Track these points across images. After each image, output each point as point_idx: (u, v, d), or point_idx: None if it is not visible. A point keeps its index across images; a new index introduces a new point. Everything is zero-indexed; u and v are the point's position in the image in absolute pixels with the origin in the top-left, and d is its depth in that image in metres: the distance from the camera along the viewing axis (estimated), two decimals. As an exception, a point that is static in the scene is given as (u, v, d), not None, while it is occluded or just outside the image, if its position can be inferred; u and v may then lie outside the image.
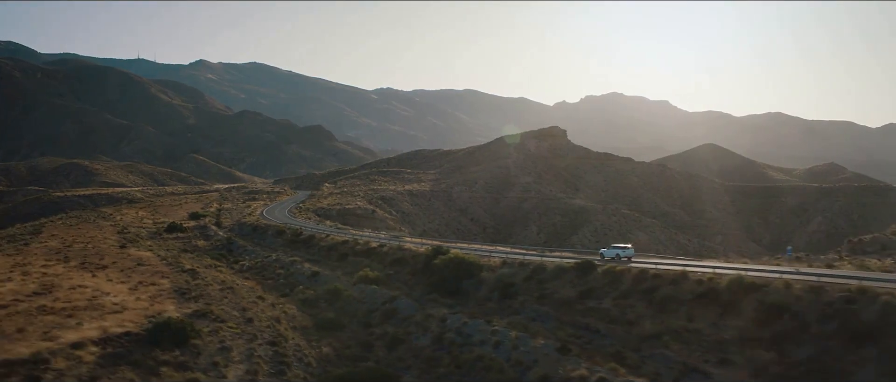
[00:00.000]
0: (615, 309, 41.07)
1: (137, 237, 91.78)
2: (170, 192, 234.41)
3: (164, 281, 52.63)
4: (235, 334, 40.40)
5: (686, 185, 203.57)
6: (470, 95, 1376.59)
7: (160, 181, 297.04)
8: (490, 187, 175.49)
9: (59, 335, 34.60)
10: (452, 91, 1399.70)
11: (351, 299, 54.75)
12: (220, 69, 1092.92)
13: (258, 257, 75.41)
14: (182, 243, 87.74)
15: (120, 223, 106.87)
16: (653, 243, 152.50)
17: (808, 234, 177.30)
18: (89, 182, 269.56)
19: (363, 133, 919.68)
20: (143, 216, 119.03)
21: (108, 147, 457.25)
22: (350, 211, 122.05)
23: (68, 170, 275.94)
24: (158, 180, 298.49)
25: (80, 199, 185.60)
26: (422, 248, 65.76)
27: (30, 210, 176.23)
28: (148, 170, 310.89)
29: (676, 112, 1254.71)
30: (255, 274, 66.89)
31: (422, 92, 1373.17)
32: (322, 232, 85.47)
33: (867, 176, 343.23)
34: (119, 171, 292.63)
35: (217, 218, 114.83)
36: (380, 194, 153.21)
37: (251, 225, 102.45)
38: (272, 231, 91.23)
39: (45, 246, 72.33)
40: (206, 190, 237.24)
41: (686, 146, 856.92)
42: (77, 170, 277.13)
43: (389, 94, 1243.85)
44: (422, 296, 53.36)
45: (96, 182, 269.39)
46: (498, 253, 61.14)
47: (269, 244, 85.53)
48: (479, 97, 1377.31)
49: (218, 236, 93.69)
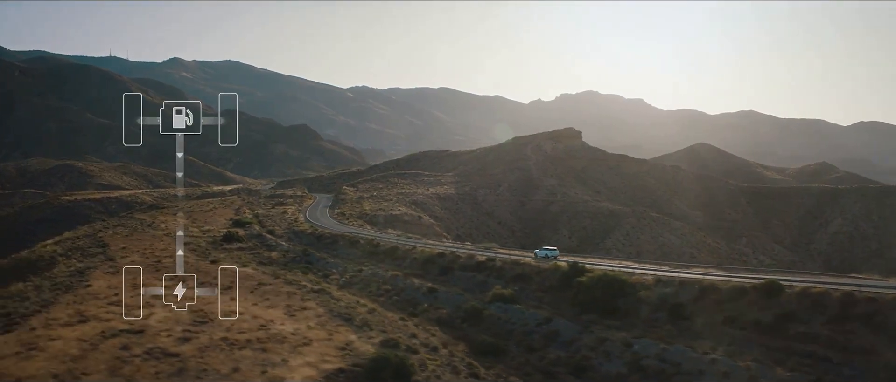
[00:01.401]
0: (838, 335, 39.02)
1: (205, 248, 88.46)
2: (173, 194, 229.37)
3: (310, 304, 49.64)
4: (437, 365, 37.93)
5: (700, 187, 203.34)
6: (445, 94, 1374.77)
7: (155, 182, 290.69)
8: (514, 190, 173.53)
9: (280, 375, 32.13)
10: (428, 89, 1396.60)
11: (495, 319, 52.26)
12: (194, 67, 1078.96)
13: (348, 270, 72.36)
14: (253, 255, 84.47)
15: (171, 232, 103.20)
16: (685, 246, 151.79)
17: (830, 235, 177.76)
18: (85, 184, 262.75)
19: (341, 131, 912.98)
20: (185, 224, 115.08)
21: (91, 146, 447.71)
22: (397, 217, 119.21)
23: (62, 172, 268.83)
24: (153, 182, 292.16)
25: (91, 204, 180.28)
26: (537, 261, 63.22)
27: (41, 215, 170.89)
28: (141, 171, 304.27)
29: (651, 110, 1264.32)
30: (360, 290, 63.95)
31: (397, 90, 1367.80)
32: (402, 243, 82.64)
33: (859, 175, 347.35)
34: (113, 173, 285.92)
35: (264, 226, 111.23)
36: (410, 198, 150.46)
37: (308, 233, 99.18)
38: (343, 241, 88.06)
39: (134, 261, 68.81)
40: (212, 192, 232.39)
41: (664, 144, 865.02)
42: (71, 172, 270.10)
43: (366, 93, 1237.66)
44: (576, 317, 51.06)
45: (92, 184, 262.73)
46: (625, 268, 59.12)
47: (346, 254, 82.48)
48: (455, 95, 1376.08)
49: (281, 246, 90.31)
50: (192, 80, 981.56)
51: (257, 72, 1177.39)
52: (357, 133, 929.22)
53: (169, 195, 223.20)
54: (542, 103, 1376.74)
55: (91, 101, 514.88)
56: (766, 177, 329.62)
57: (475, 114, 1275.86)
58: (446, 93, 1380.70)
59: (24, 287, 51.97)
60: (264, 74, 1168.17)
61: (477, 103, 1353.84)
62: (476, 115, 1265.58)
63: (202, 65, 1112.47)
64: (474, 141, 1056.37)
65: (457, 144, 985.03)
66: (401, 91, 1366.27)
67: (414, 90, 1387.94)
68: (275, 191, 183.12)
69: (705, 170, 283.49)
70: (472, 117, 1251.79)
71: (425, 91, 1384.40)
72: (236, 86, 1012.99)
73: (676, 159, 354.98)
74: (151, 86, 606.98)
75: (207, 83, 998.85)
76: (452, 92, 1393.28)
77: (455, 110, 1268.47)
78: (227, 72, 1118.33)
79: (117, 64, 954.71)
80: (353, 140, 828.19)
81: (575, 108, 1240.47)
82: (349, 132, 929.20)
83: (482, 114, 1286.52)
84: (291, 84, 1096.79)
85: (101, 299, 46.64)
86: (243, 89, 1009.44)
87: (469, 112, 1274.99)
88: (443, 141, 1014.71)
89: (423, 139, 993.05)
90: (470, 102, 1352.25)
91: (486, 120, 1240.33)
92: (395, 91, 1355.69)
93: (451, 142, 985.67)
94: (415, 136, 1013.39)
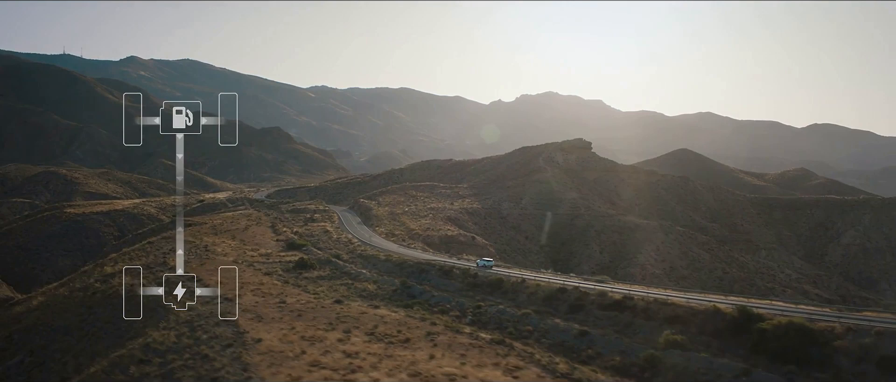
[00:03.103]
0: None
1: (285, 277, 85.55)
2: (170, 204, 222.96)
3: (513, 360, 47.57)
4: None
5: (711, 197, 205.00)
6: (405, 94, 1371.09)
7: (141, 190, 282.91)
8: (537, 203, 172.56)
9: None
10: (388, 89, 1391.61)
11: (680, 369, 50.82)
12: (152, 66, 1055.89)
13: (466, 307, 69.99)
14: (347, 288, 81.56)
15: (246, 259, 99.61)
16: (716, 262, 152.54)
17: (843, 248, 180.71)
18: (70, 192, 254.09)
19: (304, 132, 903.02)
20: (233, 245, 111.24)
21: (57, 150, 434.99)
22: (452, 238, 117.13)
23: (45, 179, 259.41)
24: (138, 189, 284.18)
25: (100, 218, 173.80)
26: (694, 302, 61.70)
27: (51, 231, 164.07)
28: (125, 177, 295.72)
29: (611, 111, 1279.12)
30: (505, 333, 61.73)
31: (357, 90, 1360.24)
32: (504, 274, 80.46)
33: (838, 181, 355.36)
34: (97, 180, 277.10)
35: (320, 248, 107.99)
36: (443, 214, 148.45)
37: (381, 259, 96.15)
38: (433, 270, 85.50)
39: (257, 302, 65.45)
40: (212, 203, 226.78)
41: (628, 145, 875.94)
42: (54, 179, 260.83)
43: (326, 93, 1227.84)
44: (771, 367, 49.96)
45: (78, 192, 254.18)
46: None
47: (444, 286, 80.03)
48: (415, 95, 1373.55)
49: (363, 275, 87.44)
50: (150, 79, 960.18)
51: (216, 71, 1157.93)
52: (320, 133, 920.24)
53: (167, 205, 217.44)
54: (503, 104, 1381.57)
55: (54, 102, 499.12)
56: (749, 182, 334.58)
57: (436, 114, 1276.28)
58: (406, 93, 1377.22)
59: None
60: (223, 73, 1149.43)
61: (437, 103, 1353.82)
62: (437, 115, 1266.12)
63: (160, 63, 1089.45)
64: (437, 141, 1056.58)
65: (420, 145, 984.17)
66: (361, 91, 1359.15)
67: (374, 90, 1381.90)
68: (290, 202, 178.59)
69: (688, 176, 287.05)
70: (433, 117, 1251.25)
71: (385, 91, 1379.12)
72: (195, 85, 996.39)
73: (659, 165, 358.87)
74: (115, 86, 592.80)
75: (166, 82, 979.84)
76: (412, 92, 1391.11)
77: (415, 110, 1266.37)
78: (185, 70, 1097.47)
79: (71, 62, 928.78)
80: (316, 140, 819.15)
81: (535, 110, 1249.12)
82: (312, 132, 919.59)
83: (443, 114, 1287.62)
84: (252, 83, 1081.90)
85: (290, 359, 44.27)
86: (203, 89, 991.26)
87: (429, 112, 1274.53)
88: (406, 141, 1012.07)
89: (386, 139, 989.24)
90: (430, 102, 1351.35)
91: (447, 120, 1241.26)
92: (355, 91, 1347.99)
93: (415, 143, 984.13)
94: (378, 137, 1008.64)
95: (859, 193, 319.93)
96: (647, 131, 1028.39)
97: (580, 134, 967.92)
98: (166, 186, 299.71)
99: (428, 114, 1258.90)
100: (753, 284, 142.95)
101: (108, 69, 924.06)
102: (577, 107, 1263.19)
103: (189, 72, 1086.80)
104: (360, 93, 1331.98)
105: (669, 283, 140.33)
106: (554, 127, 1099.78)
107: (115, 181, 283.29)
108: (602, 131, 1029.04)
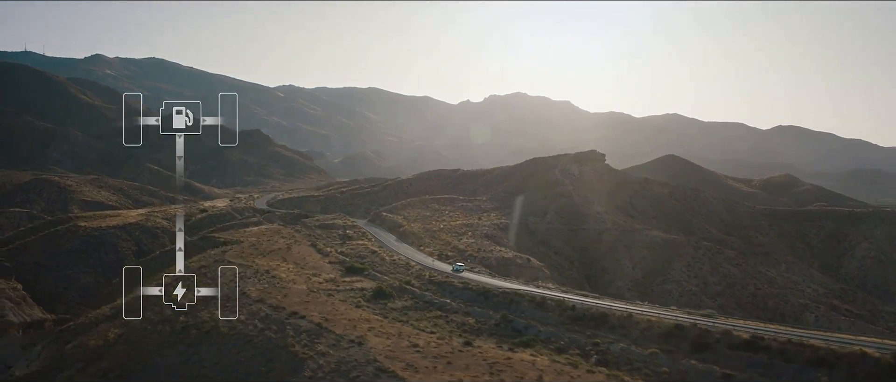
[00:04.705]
0: None
1: (369, 307, 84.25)
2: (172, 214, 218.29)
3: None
4: None
5: (722, 209, 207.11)
6: (374, 94, 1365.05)
7: (134, 197, 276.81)
8: (562, 218, 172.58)
9: None
10: (356, 89, 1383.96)
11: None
12: (117, 64, 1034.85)
13: (585, 345, 69.40)
14: (444, 321, 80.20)
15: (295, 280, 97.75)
16: (747, 278, 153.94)
17: (858, 260, 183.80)
18: (66, 200, 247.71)
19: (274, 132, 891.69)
20: (291, 268, 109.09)
21: (33, 153, 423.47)
22: (509, 260, 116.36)
23: (39, 187, 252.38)
24: (131, 196, 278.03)
25: (116, 232, 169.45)
26: (835, 345, 61.40)
27: (69, 246, 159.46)
28: (116, 184, 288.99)
29: (579, 112, 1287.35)
30: (644, 376, 61.20)
31: (325, 89, 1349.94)
32: (607, 308, 79.63)
33: (824, 188, 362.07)
34: (89, 187, 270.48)
35: (381, 271, 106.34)
36: (479, 230, 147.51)
37: (459, 287, 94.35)
38: (524, 300, 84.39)
39: (390, 346, 63.83)
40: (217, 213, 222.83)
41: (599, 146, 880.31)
42: (48, 187, 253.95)
43: (295, 92, 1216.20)
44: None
45: (74, 201, 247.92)
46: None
47: (542, 319, 79.04)
48: (383, 95, 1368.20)
49: (448, 305, 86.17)
50: (116, 78, 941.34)
51: (183, 70, 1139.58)
52: (291, 134, 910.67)
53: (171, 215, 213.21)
54: (471, 104, 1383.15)
55: (26, 103, 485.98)
56: (738, 189, 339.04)
57: (404, 114, 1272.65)
58: (375, 93, 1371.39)
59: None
60: (191, 72, 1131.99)
61: (406, 103, 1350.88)
62: (405, 115, 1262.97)
63: (126, 62, 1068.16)
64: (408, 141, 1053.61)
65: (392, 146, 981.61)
66: (329, 90, 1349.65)
67: (342, 89, 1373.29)
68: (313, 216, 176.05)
69: (674, 181, 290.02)
70: (401, 117, 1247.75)
71: (353, 90, 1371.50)
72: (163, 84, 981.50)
73: (649, 171, 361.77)
74: (87, 86, 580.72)
75: (132, 81, 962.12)
76: (381, 92, 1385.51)
77: (384, 110, 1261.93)
78: (152, 69, 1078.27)
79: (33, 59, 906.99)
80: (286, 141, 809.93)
81: (504, 110, 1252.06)
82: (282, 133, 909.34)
83: (411, 114, 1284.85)
84: (221, 83, 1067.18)
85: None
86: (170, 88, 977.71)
87: (398, 112, 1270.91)
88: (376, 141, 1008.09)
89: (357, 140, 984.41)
90: (398, 102, 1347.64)
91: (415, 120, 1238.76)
92: (323, 90, 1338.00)
93: (387, 144, 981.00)
94: (348, 137, 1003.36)
95: (847, 201, 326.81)
96: (617, 132, 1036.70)
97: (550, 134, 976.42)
98: (158, 193, 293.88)
99: (396, 113, 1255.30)
100: (787, 300, 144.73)
101: (73, 67, 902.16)
102: (546, 107, 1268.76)
103: (156, 71, 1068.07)
104: (329, 92, 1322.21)
105: (708, 300, 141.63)
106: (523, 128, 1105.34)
107: (108, 188, 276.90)
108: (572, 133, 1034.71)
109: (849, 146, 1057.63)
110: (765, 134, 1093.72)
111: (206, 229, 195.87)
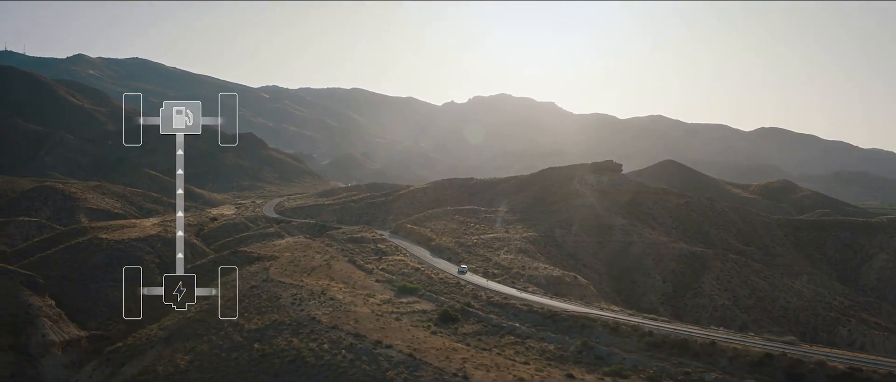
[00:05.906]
0: None
1: (439, 332, 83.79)
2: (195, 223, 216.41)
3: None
4: None
5: (738, 219, 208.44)
6: (358, 94, 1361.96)
7: (138, 204, 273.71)
8: (587, 229, 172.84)
9: None
10: (340, 89, 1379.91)
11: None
12: (100, 64, 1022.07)
13: (673, 373, 69.60)
14: (524, 348, 79.90)
15: (354, 302, 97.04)
16: (776, 291, 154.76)
17: (876, 271, 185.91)
18: (72, 208, 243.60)
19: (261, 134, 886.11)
20: (343, 289, 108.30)
21: (25, 157, 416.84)
22: (558, 279, 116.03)
23: (44, 195, 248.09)
24: (135, 203, 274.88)
25: (138, 244, 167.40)
26: None
27: (95, 260, 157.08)
28: (119, 191, 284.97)
29: (564, 114, 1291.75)
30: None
31: (309, 90, 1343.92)
32: (686, 334, 79.63)
33: (823, 194, 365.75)
34: (94, 194, 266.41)
35: (437, 292, 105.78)
36: (511, 244, 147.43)
37: (523, 310, 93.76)
38: (598, 326, 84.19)
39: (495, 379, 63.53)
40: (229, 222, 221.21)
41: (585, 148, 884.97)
42: (53, 195, 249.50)
43: (279, 93, 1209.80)
44: None
45: (80, 209, 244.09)
46: None
47: (620, 345, 78.94)
48: (368, 96, 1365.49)
49: (518, 329, 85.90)
50: (99, 78, 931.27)
51: (167, 70, 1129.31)
52: (277, 135, 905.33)
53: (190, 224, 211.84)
54: (456, 105, 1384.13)
55: (15, 106, 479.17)
56: (738, 195, 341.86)
57: (388, 115, 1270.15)
58: (359, 93, 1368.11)
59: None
60: (175, 73, 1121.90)
61: (390, 104, 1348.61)
62: (390, 116, 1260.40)
63: (108, 62, 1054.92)
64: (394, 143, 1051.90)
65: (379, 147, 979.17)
66: (313, 91, 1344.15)
67: (326, 90, 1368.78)
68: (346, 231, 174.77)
69: (672, 187, 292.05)
70: (386, 118, 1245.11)
71: (337, 91, 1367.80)
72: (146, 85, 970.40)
73: (648, 176, 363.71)
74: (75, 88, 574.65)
75: (116, 81, 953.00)
76: (365, 92, 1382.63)
77: (368, 111, 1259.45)
78: (135, 70, 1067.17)
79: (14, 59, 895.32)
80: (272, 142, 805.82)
81: (489, 111, 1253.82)
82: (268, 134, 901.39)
83: (395, 115, 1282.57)
84: (205, 83, 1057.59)
85: None
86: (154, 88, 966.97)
87: (382, 113, 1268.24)
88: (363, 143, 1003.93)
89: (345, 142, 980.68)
90: (383, 103, 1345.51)
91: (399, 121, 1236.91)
92: (307, 91, 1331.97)
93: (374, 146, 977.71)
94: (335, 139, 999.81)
95: (845, 206, 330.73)
96: (602, 134, 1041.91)
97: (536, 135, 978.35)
98: (161, 199, 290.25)
99: (380, 114, 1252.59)
100: (817, 314, 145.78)
101: (56, 67, 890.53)
102: (531, 109, 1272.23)
103: (139, 72, 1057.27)
104: (313, 93, 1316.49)
105: (741, 314, 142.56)
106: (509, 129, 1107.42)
107: (111, 195, 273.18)
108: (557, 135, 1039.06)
109: (830, 148, 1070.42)
110: (748, 135, 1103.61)
111: (225, 239, 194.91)
